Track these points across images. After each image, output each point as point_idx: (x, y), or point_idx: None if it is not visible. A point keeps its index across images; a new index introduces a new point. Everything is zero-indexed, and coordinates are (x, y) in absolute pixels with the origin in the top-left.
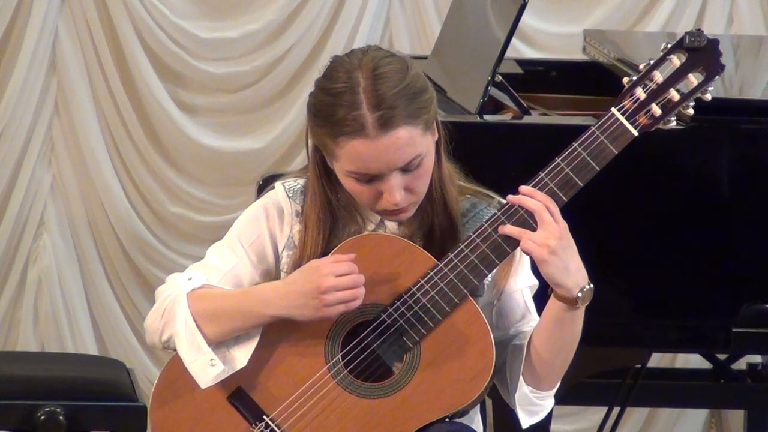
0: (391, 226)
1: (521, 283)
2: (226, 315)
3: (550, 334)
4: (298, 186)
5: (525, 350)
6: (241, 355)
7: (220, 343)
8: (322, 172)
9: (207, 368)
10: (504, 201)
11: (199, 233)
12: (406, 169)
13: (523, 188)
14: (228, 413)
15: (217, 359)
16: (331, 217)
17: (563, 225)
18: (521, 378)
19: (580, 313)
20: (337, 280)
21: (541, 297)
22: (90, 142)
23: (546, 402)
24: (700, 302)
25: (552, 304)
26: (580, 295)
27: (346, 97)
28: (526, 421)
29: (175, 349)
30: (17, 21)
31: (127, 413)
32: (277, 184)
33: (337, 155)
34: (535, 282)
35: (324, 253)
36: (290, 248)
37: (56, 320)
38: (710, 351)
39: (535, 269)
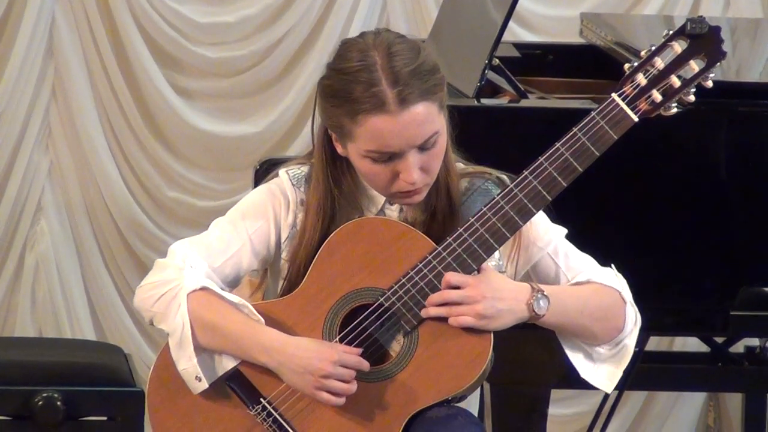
0: (393, 215)
1: (544, 247)
2: (221, 335)
3: (559, 329)
4: (302, 173)
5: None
6: (225, 365)
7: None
8: (328, 159)
9: (194, 381)
10: (503, 176)
11: (196, 218)
12: (422, 148)
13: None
14: (225, 396)
15: (201, 376)
16: (331, 205)
17: (472, 280)
18: (587, 344)
19: (555, 302)
20: (339, 371)
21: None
22: (87, 127)
23: (626, 339)
24: (698, 285)
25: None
26: (536, 311)
27: (363, 75)
28: (614, 377)
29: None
30: (14, 6)
31: (125, 398)
32: (281, 172)
33: (356, 135)
34: (561, 231)
35: (321, 240)
36: (293, 237)
37: (54, 305)
38: (708, 334)
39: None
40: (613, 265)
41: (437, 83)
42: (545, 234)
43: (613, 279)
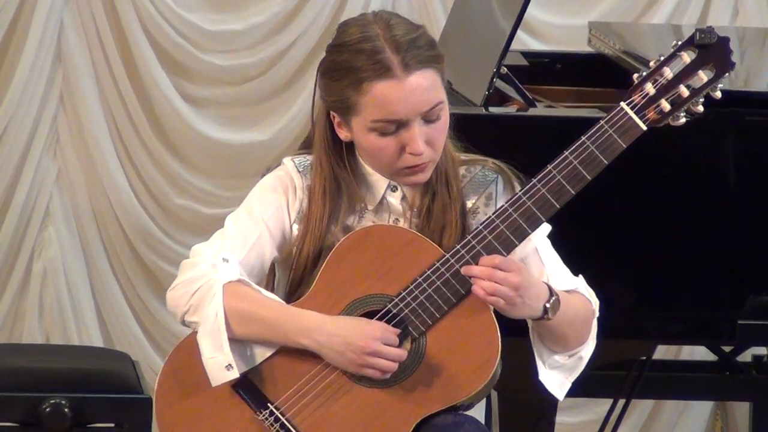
0: (394, 203)
1: (534, 243)
2: (258, 323)
3: (546, 330)
4: (308, 161)
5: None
6: (259, 355)
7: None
8: (330, 144)
9: (222, 370)
10: (501, 163)
11: (204, 225)
12: (428, 120)
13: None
14: (233, 401)
15: (233, 364)
16: (336, 190)
17: (516, 266)
18: (546, 349)
19: (558, 312)
20: (385, 349)
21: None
22: (95, 134)
23: (582, 351)
24: (705, 294)
25: (531, 320)
26: (548, 315)
27: (366, 45)
28: (564, 386)
29: (194, 328)
30: (23, 13)
31: (132, 405)
32: (286, 160)
33: (361, 106)
34: (546, 229)
35: (326, 228)
36: (300, 222)
37: (61, 312)
38: (715, 343)
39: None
40: (581, 276)
41: (438, 54)
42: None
43: (588, 290)
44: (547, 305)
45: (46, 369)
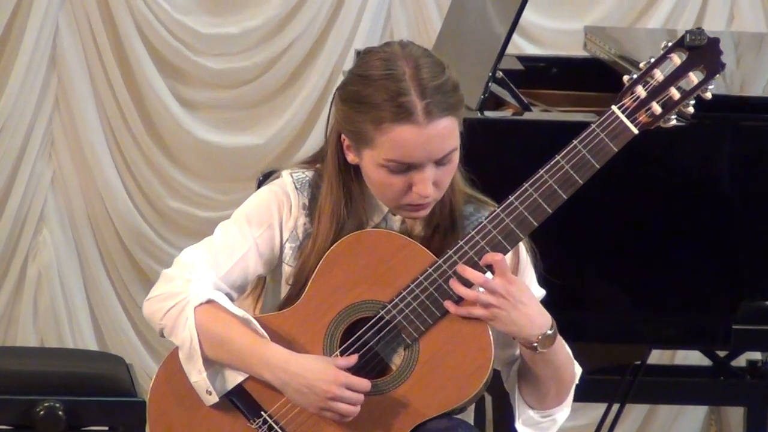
0: (395, 226)
1: None
2: (227, 350)
3: (532, 368)
4: (307, 178)
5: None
6: (237, 377)
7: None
8: (341, 166)
9: (205, 395)
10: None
11: (198, 228)
12: (439, 163)
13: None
14: (226, 409)
15: (213, 389)
16: (345, 211)
17: (509, 276)
18: (523, 403)
19: (553, 350)
20: (347, 394)
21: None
22: (90, 138)
23: (557, 415)
24: (700, 299)
25: (521, 346)
26: (536, 344)
27: (392, 84)
28: None
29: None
30: (18, 16)
31: (127, 408)
32: (284, 173)
33: (377, 143)
34: (540, 293)
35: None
36: (293, 240)
37: (56, 315)
38: (710, 348)
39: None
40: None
41: (459, 100)
42: (531, 287)
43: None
44: (540, 337)
45: (40, 372)
